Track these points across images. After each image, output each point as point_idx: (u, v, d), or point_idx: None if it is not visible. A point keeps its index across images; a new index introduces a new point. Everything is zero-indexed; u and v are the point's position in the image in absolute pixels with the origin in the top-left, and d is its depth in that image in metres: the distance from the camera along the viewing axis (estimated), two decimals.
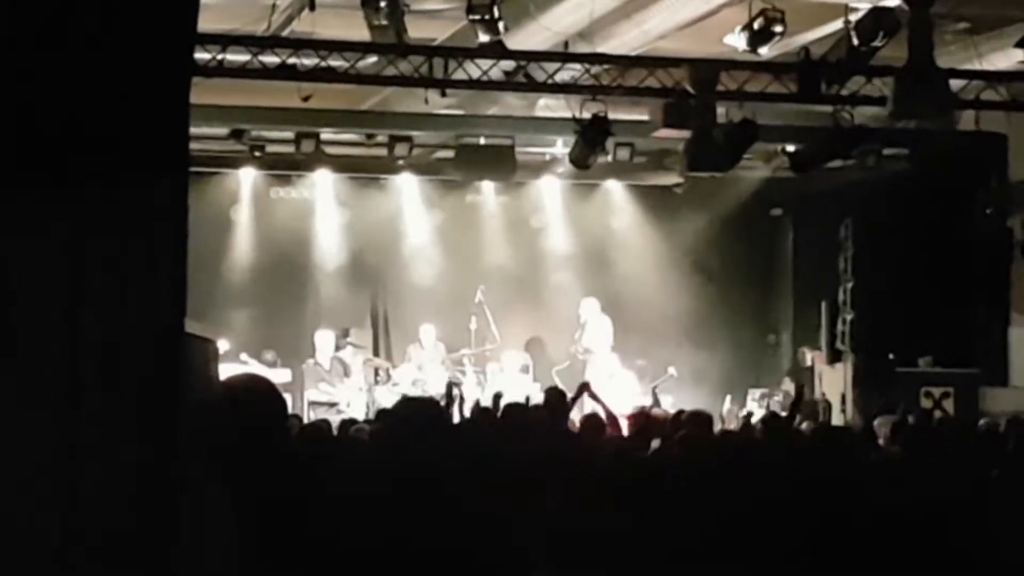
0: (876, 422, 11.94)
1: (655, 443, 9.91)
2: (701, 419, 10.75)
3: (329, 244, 21.59)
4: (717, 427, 13.88)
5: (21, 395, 3.28)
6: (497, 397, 12.56)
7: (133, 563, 3.40)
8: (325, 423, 12.48)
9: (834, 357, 20.17)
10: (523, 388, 19.63)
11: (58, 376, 3.30)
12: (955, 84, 16.85)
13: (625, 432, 11.38)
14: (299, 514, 4.24)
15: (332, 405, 19.45)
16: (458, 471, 6.46)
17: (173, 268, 3.40)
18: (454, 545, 4.89)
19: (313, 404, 19.61)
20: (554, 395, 12.86)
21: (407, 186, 21.93)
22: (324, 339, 20.41)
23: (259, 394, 4.32)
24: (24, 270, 3.26)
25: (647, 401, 19.37)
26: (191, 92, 3.62)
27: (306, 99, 17.12)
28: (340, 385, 19.98)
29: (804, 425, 13.28)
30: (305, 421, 16.16)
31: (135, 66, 3.32)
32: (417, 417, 7.49)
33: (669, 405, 19.10)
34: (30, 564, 3.33)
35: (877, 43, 15.70)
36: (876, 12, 15.48)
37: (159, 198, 3.36)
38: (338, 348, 20.57)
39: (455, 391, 13.51)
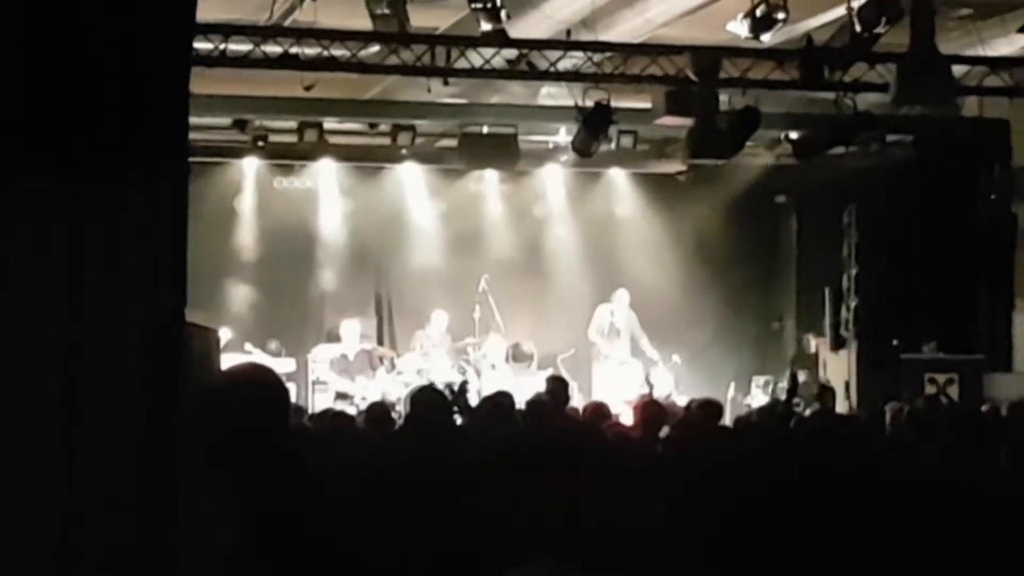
0: (878, 407, 11.94)
1: (664, 433, 9.91)
2: (711, 408, 10.76)
3: (333, 233, 21.58)
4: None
5: (21, 385, 3.29)
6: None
7: (133, 554, 3.40)
8: (328, 414, 12.43)
9: (838, 344, 20.17)
10: (508, 378, 19.64)
11: (58, 366, 3.30)
12: (958, 70, 16.86)
13: (632, 421, 11.38)
14: (299, 506, 4.24)
15: (349, 396, 19.32)
16: (459, 463, 6.46)
17: (173, 257, 3.41)
18: (452, 535, 4.90)
19: (336, 393, 19.51)
20: (556, 383, 12.86)
21: (410, 175, 21.91)
22: (350, 329, 20.35)
23: (261, 384, 4.32)
24: (23, 260, 3.26)
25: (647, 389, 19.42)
26: (193, 82, 3.63)
27: (308, 88, 17.13)
28: (361, 378, 19.85)
29: (807, 412, 13.30)
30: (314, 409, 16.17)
31: (134, 54, 3.32)
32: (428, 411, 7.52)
33: (673, 392, 19.19)
34: (30, 554, 3.34)
35: (879, 29, 15.69)
36: None
37: (159, 187, 3.37)
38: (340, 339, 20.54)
39: (467, 389, 13.45)
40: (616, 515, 5.68)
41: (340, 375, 19.84)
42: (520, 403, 10.88)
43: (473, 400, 13.36)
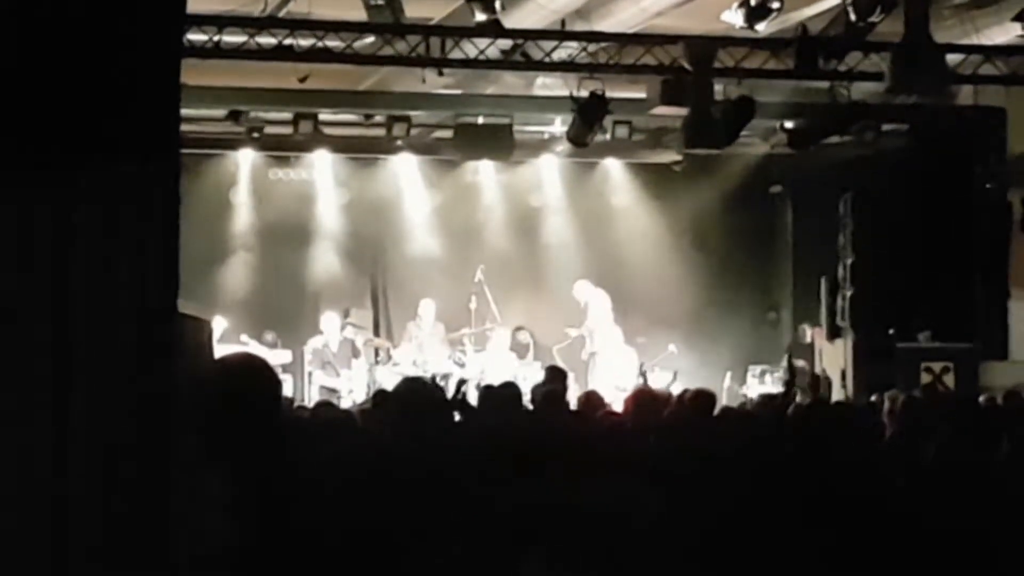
0: (874, 397, 11.94)
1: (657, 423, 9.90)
2: (704, 399, 10.74)
3: (328, 225, 21.59)
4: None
5: (9, 379, 3.27)
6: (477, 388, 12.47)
7: (126, 548, 3.40)
8: (325, 405, 12.44)
9: (834, 333, 20.16)
10: (512, 368, 19.66)
11: (47, 359, 3.29)
12: (953, 59, 16.85)
13: (626, 411, 11.36)
14: (296, 497, 4.23)
15: (335, 391, 19.41)
16: (454, 454, 6.45)
17: (165, 249, 3.40)
18: (452, 529, 4.90)
19: (322, 388, 19.59)
20: (554, 373, 12.86)
21: (406, 166, 21.92)
22: (330, 321, 20.40)
23: (254, 373, 4.31)
24: (11, 252, 3.25)
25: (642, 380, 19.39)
26: (188, 74, 3.62)
27: (303, 80, 17.12)
28: (345, 369, 19.93)
29: (804, 401, 13.28)
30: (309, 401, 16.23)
31: (124, 45, 3.31)
32: (417, 399, 7.49)
33: (669, 383, 19.18)
34: (21, 549, 3.33)
35: (874, 18, 15.69)
36: None
37: (150, 179, 3.36)
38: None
39: (463, 387, 13.38)
40: (613, 506, 5.68)
41: (323, 368, 19.89)
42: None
43: (471, 396, 13.31)
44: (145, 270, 3.33)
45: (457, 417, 10.12)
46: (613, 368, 20.29)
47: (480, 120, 20.05)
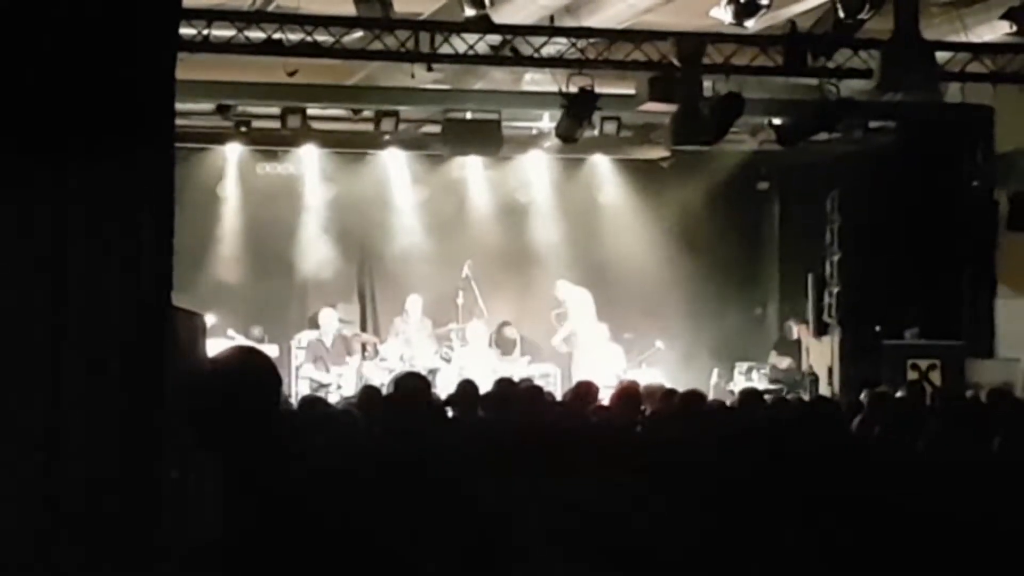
0: (863, 395, 11.96)
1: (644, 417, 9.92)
2: (694, 399, 10.76)
3: (316, 220, 21.55)
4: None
5: (4, 370, 3.27)
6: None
7: (117, 538, 3.40)
8: (316, 400, 12.41)
9: (821, 330, 20.19)
10: (490, 363, 19.67)
11: (42, 351, 3.29)
12: (941, 56, 16.87)
13: (612, 406, 11.37)
14: (294, 491, 4.23)
15: (323, 385, 19.41)
16: (444, 449, 6.46)
17: (159, 243, 3.40)
18: (442, 525, 4.90)
19: (311, 382, 19.59)
20: (584, 387, 12.78)
21: (394, 161, 21.90)
22: (328, 317, 20.38)
23: (257, 366, 4.30)
24: (7, 244, 3.25)
25: (632, 376, 19.40)
26: (176, 67, 3.62)
27: (292, 74, 17.10)
28: (336, 366, 19.90)
29: (790, 397, 13.34)
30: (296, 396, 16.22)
31: (120, 42, 3.31)
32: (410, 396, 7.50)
33: (655, 379, 19.19)
34: (13, 539, 3.33)
35: (863, 15, 15.70)
36: None
37: (144, 174, 3.36)
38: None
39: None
40: (607, 503, 5.69)
41: (315, 362, 19.87)
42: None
43: (447, 387, 13.32)
44: (139, 262, 3.33)
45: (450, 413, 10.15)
46: (596, 365, 20.25)
47: (468, 115, 20.03)
